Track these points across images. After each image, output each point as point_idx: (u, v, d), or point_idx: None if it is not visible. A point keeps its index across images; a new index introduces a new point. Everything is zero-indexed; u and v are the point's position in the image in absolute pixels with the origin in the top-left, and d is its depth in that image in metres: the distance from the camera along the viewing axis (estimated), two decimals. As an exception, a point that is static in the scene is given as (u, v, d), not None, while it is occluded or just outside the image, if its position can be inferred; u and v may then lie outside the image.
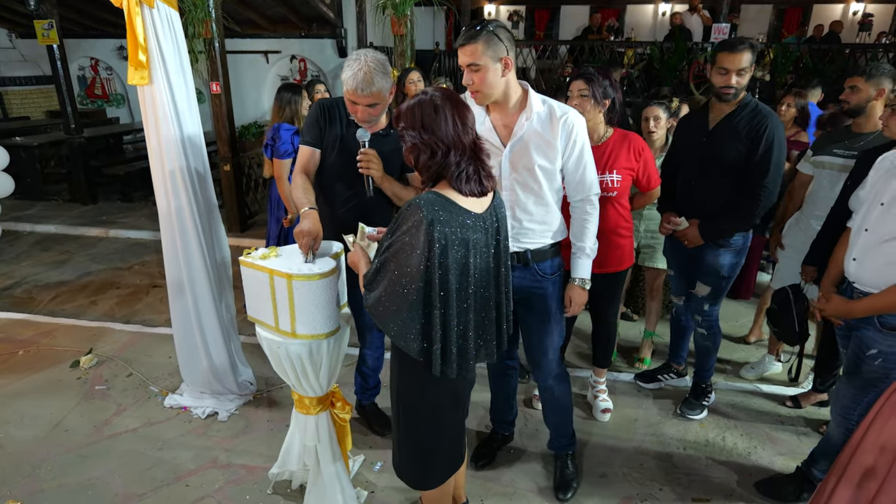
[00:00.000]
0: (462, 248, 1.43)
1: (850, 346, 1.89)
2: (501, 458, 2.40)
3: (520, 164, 1.87)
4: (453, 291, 1.43)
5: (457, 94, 1.49)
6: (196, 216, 2.48)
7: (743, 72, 2.20)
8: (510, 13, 11.75)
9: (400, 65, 4.51)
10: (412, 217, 1.39)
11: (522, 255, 1.95)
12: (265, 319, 1.84)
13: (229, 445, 2.46)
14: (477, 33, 1.70)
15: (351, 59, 1.91)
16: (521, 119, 1.86)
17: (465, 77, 1.77)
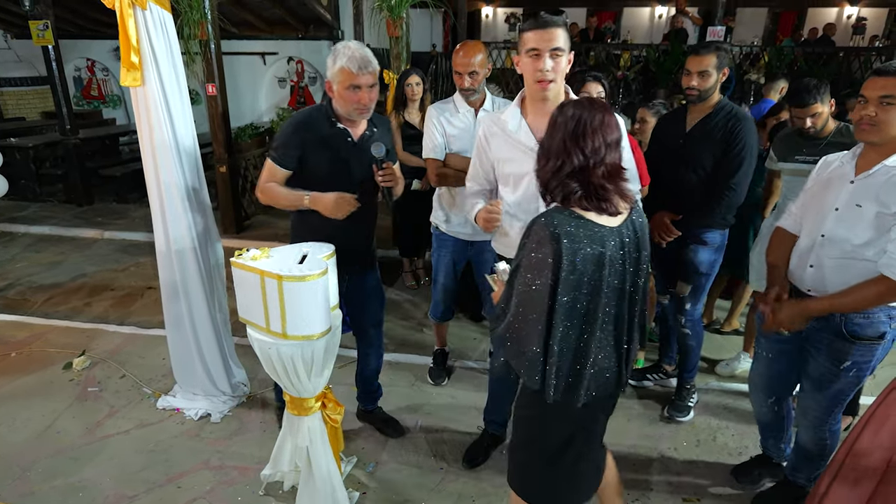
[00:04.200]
0: (594, 264, 1.33)
1: (818, 361, 1.85)
2: (494, 458, 2.41)
3: None
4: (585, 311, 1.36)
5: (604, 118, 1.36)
6: (189, 217, 2.48)
7: (705, 74, 2.28)
8: (507, 15, 11.79)
9: (395, 67, 4.51)
10: (538, 233, 1.33)
11: None
12: (256, 320, 1.84)
13: (222, 447, 2.46)
14: (560, 18, 1.64)
15: (337, 50, 1.92)
16: None
17: (544, 62, 1.63)
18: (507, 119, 1.85)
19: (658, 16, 11.77)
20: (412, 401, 2.83)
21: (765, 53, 8.41)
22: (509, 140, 1.85)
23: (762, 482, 2.25)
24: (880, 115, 1.61)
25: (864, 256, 1.68)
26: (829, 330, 1.79)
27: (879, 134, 1.63)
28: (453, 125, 2.48)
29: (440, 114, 2.49)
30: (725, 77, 2.39)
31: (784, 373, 2.02)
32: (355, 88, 1.92)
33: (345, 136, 2.04)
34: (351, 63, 1.88)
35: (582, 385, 1.40)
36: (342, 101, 1.97)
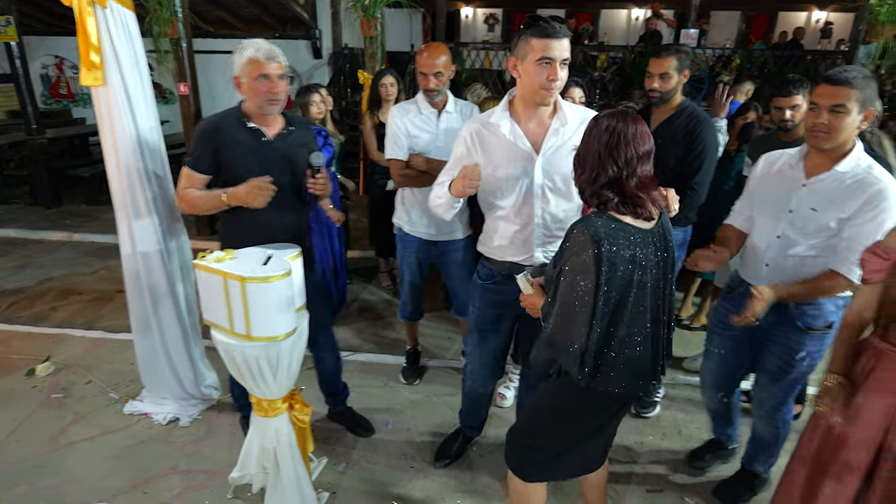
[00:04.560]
0: (630, 263, 1.40)
1: (774, 353, 1.91)
2: (464, 456, 2.42)
3: (554, 171, 1.80)
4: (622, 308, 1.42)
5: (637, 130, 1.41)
6: (155, 219, 2.45)
7: (666, 76, 2.34)
8: (486, 16, 11.82)
9: (370, 67, 4.51)
10: (579, 236, 1.39)
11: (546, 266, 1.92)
12: (220, 322, 1.83)
13: (190, 451, 2.43)
14: (566, 31, 1.65)
15: (242, 45, 1.93)
16: (553, 125, 1.79)
17: (557, 71, 1.64)
18: (499, 123, 1.81)
19: (635, 18, 11.92)
20: (384, 401, 2.83)
21: (736, 56, 8.58)
22: (503, 145, 1.82)
23: (713, 465, 2.35)
24: (832, 123, 1.65)
25: (817, 255, 1.74)
26: (784, 323, 1.85)
27: (831, 141, 1.68)
28: (417, 126, 2.48)
29: (403, 115, 2.49)
30: (686, 79, 2.45)
31: (735, 368, 2.09)
32: (264, 78, 1.91)
33: (258, 136, 2.01)
34: (258, 52, 1.89)
35: (622, 377, 1.48)
36: (252, 93, 1.94)
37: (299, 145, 2.10)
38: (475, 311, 2.10)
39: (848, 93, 1.61)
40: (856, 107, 1.62)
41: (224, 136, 1.99)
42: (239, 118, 2.01)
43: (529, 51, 1.65)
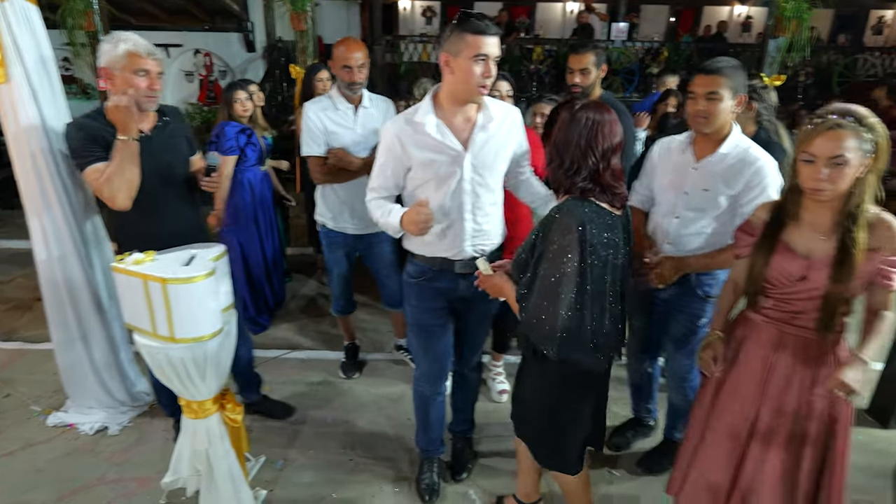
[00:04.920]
0: (608, 247, 1.49)
1: (680, 321, 2.08)
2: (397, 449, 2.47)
3: (482, 166, 1.82)
4: (600, 288, 1.50)
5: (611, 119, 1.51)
6: (70, 220, 2.34)
7: (585, 71, 2.45)
8: (424, 9, 11.81)
9: (302, 61, 4.44)
10: (564, 220, 1.44)
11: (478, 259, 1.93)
12: (142, 326, 1.79)
13: (120, 459, 2.36)
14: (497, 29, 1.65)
15: (115, 36, 1.89)
16: (480, 121, 1.80)
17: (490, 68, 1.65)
18: (424, 122, 1.76)
19: (569, 11, 12.20)
20: (323, 396, 2.84)
21: (664, 49, 8.98)
22: (430, 143, 1.78)
23: (635, 441, 2.50)
24: (709, 109, 1.82)
25: (713, 231, 1.91)
26: (687, 293, 2.03)
27: (710, 125, 1.85)
28: (334, 122, 2.47)
29: (319, 110, 2.46)
30: (604, 73, 2.57)
31: (654, 340, 2.27)
32: (143, 73, 1.89)
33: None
34: (138, 47, 1.86)
35: (602, 351, 1.58)
36: (129, 87, 1.89)
37: (177, 137, 2.12)
38: (412, 311, 2.05)
39: (720, 81, 1.78)
40: (728, 93, 1.79)
41: (98, 138, 1.92)
42: (104, 117, 1.93)
43: (464, 47, 1.62)
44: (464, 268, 1.91)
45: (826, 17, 12.05)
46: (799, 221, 1.53)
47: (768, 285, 1.57)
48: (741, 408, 1.67)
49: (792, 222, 1.54)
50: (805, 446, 1.59)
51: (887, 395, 2.71)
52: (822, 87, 8.63)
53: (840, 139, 1.36)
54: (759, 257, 1.57)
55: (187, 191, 2.16)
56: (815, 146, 1.39)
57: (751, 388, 1.64)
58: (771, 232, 1.56)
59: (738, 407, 1.68)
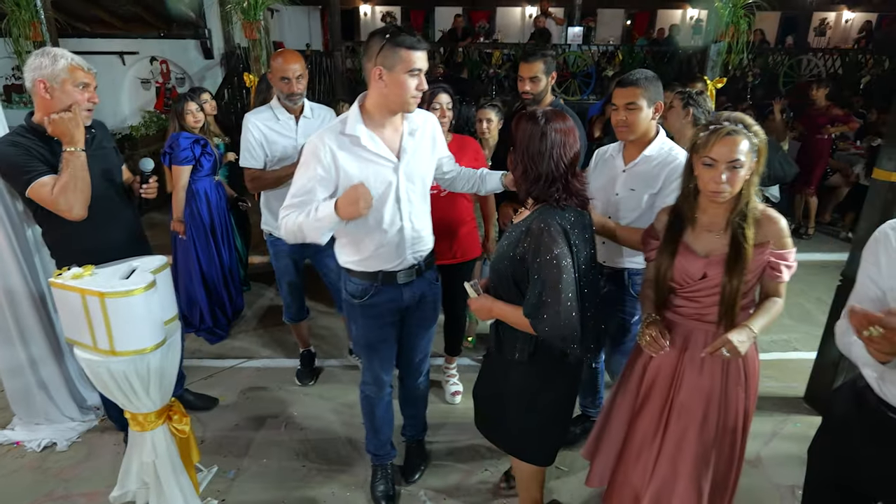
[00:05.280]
0: (586, 245, 1.63)
1: (614, 319, 2.18)
2: (351, 455, 2.52)
3: (415, 174, 1.85)
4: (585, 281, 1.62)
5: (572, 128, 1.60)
6: (10, 234, 2.33)
7: (535, 79, 2.52)
8: (384, 14, 11.86)
9: (255, 70, 4.44)
10: (547, 231, 1.51)
11: (417, 267, 1.96)
12: (82, 340, 1.79)
13: (68, 475, 2.35)
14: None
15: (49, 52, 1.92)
16: (406, 129, 1.84)
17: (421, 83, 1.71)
18: (357, 134, 1.74)
19: (529, 15, 12.43)
20: (278, 404, 2.86)
21: (619, 52, 9.22)
22: (363, 155, 1.76)
23: (582, 437, 2.55)
24: (629, 118, 1.96)
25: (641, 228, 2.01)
26: (621, 291, 2.16)
27: (632, 133, 1.98)
28: (275, 132, 2.51)
29: (260, 121, 2.50)
30: (554, 80, 2.64)
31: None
32: (84, 86, 1.94)
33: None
34: (76, 61, 1.92)
35: (592, 341, 1.71)
36: (67, 100, 1.93)
37: (105, 147, 2.16)
38: (359, 331, 2.03)
39: (637, 92, 1.92)
40: (645, 103, 1.93)
41: (31, 153, 1.94)
42: (41, 133, 1.96)
43: (398, 62, 1.64)
44: (406, 277, 1.94)
45: (773, 19, 12.57)
46: (696, 224, 1.64)
47: (675, 284, 1.68)
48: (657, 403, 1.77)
49: (689, 225, 1.65)
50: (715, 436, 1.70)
51: (822, 384, 2.87)
52: (768, 88, 8.98)
53: (736, 144, 1.49)
54: (662, 260, 1.68)
55: (126, 199, 2.21)
56: (714, 151, 1.50)
57: (666, 382, 1.75)
58: (671, 236, 1.67)
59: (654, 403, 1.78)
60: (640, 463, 1.82)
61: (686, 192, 1.64)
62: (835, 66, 9.41)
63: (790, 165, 5.31)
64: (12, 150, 1.93)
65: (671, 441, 1.74)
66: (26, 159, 1.92)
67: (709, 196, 1.56)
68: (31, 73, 1.91)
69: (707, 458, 1.71)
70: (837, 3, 12.57)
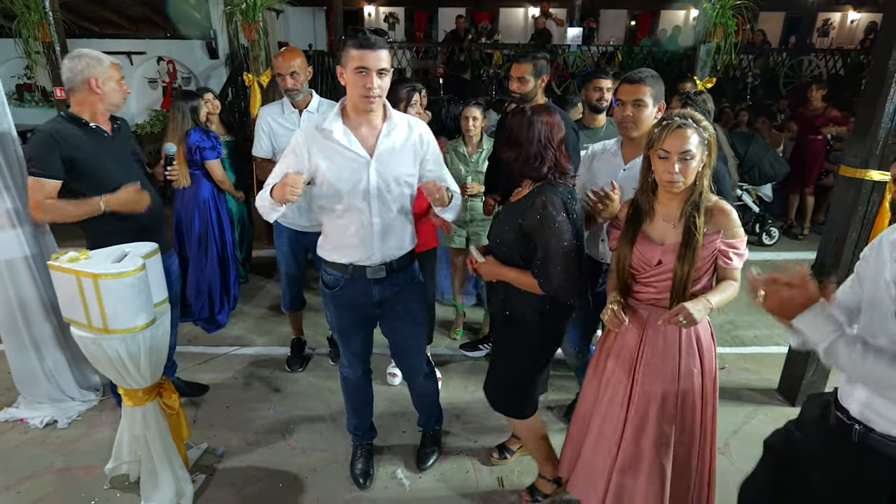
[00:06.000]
0: (579, 216, 1.86)
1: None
2: (333, 433, 2.64)
3: (387, 172, 1.91)
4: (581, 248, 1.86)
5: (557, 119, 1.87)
6: (16, 222, 2.48)
7: (523, 80, 2.61)
8: (386, 15, 11.99)
9: (254, 70, 4.58)
10: (550, 203, 1.77)
11: (389, 265, 2.01)
12: (78, 318, 1.93)
13: (68, 450, 2.49)
14: (384, 40, 1.77)
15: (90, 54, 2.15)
16: (385, 130, 1.90)
17: (373, 80, 1.75)
18: (332, 129, 1.85)
19: (531, 16, 12.50)
20: (269, 389, 3.00)
21: (619, 53, 9.29)
22: (336, 148, 1.87)
23: None
24: (635, 115, 2.05)
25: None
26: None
27: (637, 129, 2.07)
28: (280, 125, 2.69)
29: (269, 114, 2.70)
30: (544, 83, 2.71)
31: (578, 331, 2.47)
32: (121, 80, 2.22)
33: (101, 133, 2.23)
34: (113, 59, 2.17)
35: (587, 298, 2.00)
36: (115, 95, 2.20)
37: (129, 136, 2.40)
38: (331, 318, 2.14)
39: (644, 89, 2.02)
40: (650, 100, 2.03)
41: (72, 141, 2.13)
42: (79, 121, 2.18)
43: (349, 60, 1.75)
44: (376, 273, 2.01)
45: (777, 20, 12.56)
46: (653, 214, 1.76)
47: (634, 271, 1.79)
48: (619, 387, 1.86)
49: (648, 217, 1.76)
50: (675, 414, 1.79)
51: (794, 376, 2.95)
52: (769, 88, 9.02)
53: (686, 137, 1.60)
54: (623, 247, 1.79)
55: (150, 182, 2.42)
56: (666, 144, 1.62)
57: (627, 365, 1.84)
58: (631, 226, 1.78)
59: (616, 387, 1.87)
60: (603, 446, 1.90)
61: (644, 186, 1.76)
62: (836, 66, 9.41)
63: (781, 165, 5.38)
64: (41, 140, 2.10)
65: (633, 421, 1.83)
66: (46, 154, 2.09)
67: (665, 187, 1.67)
68: (79, 73, 2.12)
69: (668, 436, 1.79)
70: (842, 4, 12.54)
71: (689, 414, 1.80)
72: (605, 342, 1.95)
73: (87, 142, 2.16)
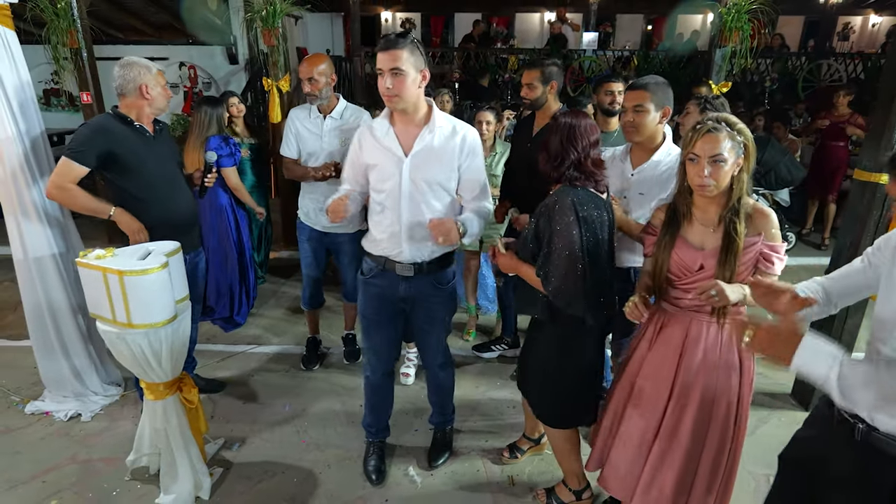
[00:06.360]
0: (596, 221, 1.82)
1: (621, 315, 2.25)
2: (338, 431, 2.70)
3: (420, 176, 1.96)
4: (595, 256, 1.81)
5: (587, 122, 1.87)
6: (45, 223, 2.58)
7: (531, 86, 2.66)
8: (403, 20, 12.10)
9: (273, 75, 4.68)
10: (560, 203, 1.78)
11: (419, 265, 2.07)
12: (103, 314, 2.01)
13: (91, 443, 2.57)
14: (402, 41, 1.82)
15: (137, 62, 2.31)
16: (423, 132, 1.96)
17: (386, 80, 1.83)
18: (377, 126, 2.01)
19: (547, 21, 12.52)
20: (283, 386, 3.06)
21: (635, 57, 9.28)
22: (378, 146, 2.01)
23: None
24: (636, 120, 2.08)
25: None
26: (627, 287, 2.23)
27: (639, 134, 2.11)
28: (306, 128, 2.78)
29: (297, 117, 2.80)
30: (555, 89, 2.73)
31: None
32: (165, 85, 2.39)
33: (144, 133, 2.39)
34: (158, 67, 2.39)
35: (598, 310, 1.87)
36: (161, 99, 2.38)
37: (170, 141, 2.57)
38: (361, 303, 2.24)
39: (645, 95, 2.06)
40: (652, 106, 2.07)
41: (117, 136, 2.30)
42: (125, 120, 2.34)
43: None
44: (404, 270, 2.09)
45: (796, 24, 12.43)
46: (691, 219, 1.74)
47: (673, 276, 1.77)
48: (656, 389, 1.84)
49: (685, 220, 1.75)
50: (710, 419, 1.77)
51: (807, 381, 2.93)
52: (787, 92, 8.92)
53: (717, 140, 1.59)
54: (661, 253, 1.77)
55: (186, 183, 2.60)
56: (697, 147, 1.62)
57: (667, 369, 1.81)
58: (669, 230, 1.76)
59: (654, 388, 1.84)
60: (634, 446, 1.89)
61: (681, 189, 1.74)
62: (857, 70, 9.29)
63: (798, 169, 5.32)
64: (86, 132, 2.28)
65: (669, 424, 1.81)
66: (86, 142, 2.25)
67: (696, 190, 1.66)
68: (132, 80, 2.30)
69: (701, 440, 1.78)
70: (864, 7, 12.36)
71: (722, 421, 1.77)
72: (636, 348, 1.93)
73: (131, 139, 2.32)
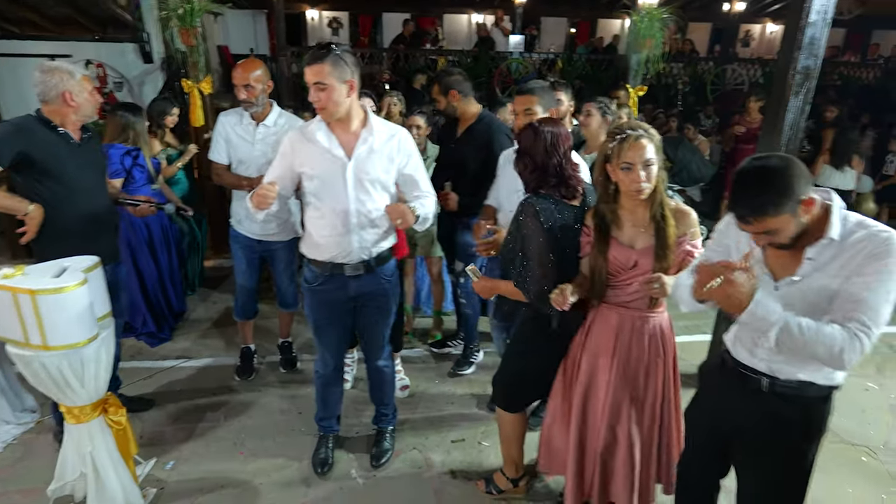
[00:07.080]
0: (560, 228, 1.90)
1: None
2: (289, 435, 2.68)
3: (364, 174, 2.04)
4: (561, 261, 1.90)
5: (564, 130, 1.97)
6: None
7: (436, 100, 2.84)
8: (330, 20, 11.91)
9: (193, 76, 4.49)
10: (525, 211, 1.89)
11: (367, 262, 2.14)
12: (14, 337, 1.87)
13: (4, 475, 2.39)
14: (324, 54, 1.86)
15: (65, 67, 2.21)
16: (364, 135, 2.04)
17: (312, 94, 1.91)
18: (315, 132, 2.02)
19: (475, 23, 12.74)
20: (218, 398, 2.96)
21: (559, 60, 9.64)
22: (319, 151, 2.02)
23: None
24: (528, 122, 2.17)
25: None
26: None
27: None
28: (237, 134, 2.70)
29: (227, 122, 2.71)
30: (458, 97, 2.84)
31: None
32: (92, 90, 2.29)
33: (68, 139, 2.28)
34: (84, 71, 2.32)
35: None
36: (88, 106, 2.28)
37: (97, 149, 2.47)
38: (309, 311, 2.27)
39: (533, 99, 2.24)
40: (540, 109, 2.24)
41: (36, 138, 2.19)
42: (48, 124, 2.23)
43: None
44: (353, 270, 2.13)
45: (704, 30, 13.36)
46: (620, 221, 1.85)
47: (609, 275, 1.88)
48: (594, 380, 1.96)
49: (614, 223, 1.85)
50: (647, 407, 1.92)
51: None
52: (698, 95, 9.58)
53: (645, 147, 1.72)
54: (597, 254, 1.87)
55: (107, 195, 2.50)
56: (629, 156, 1.72)
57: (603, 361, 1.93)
58: (601, 235, 1.87)
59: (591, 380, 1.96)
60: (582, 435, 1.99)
61: (605, 198, 1.84)
62: (756, 75, 10.12)
63: (707, 167, 5.74)
64: (6, 127, 2.20)
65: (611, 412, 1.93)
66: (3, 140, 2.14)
67: (632, 195, 1.76)
68: (53, 87, 2.18)
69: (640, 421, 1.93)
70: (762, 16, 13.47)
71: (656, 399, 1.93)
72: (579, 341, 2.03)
73: (51, 144, 2.22)
